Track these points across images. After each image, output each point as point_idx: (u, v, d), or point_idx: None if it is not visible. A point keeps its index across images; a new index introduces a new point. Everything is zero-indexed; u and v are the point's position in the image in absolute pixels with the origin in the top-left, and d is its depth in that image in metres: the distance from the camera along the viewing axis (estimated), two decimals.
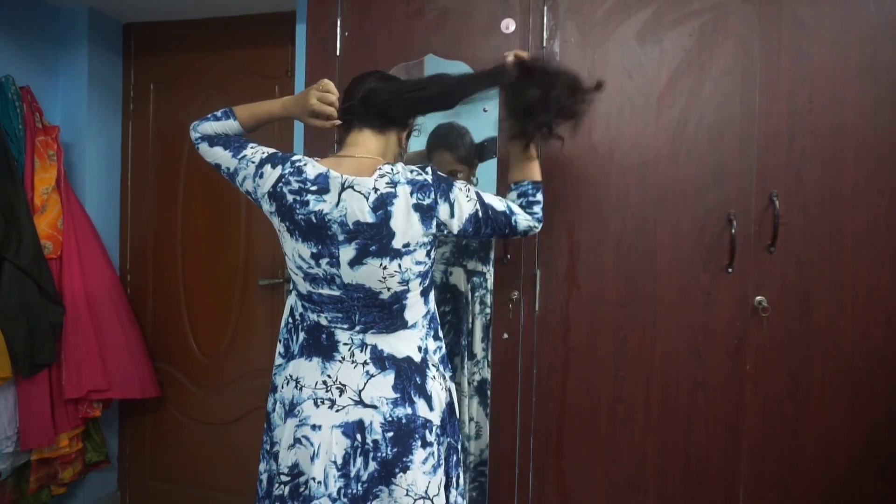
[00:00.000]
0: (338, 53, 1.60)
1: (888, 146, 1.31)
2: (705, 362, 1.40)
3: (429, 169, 1.12)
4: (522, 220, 1.20)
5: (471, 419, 1.53)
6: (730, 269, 1.38)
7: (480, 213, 1.13)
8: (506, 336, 1.50)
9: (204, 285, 2.27)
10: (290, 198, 1.10)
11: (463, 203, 1.12)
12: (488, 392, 1.52)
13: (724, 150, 1.38)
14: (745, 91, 1.37)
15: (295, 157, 1.14)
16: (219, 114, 1.24)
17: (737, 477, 1.40)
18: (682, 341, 1.41)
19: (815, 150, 1.34)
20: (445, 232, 1.12)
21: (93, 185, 2.21)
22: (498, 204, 1.17)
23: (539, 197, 1.22)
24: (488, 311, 1.52)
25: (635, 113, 1.43)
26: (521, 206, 1.21)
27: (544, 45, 1.47)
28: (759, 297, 1.37)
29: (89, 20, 2.15)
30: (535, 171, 1.24)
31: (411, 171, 1.10)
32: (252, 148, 1.20)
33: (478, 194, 1.15)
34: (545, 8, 1.47)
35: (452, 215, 1.11)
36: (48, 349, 1.83)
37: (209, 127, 1.24)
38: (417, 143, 1.50)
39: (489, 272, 1.52)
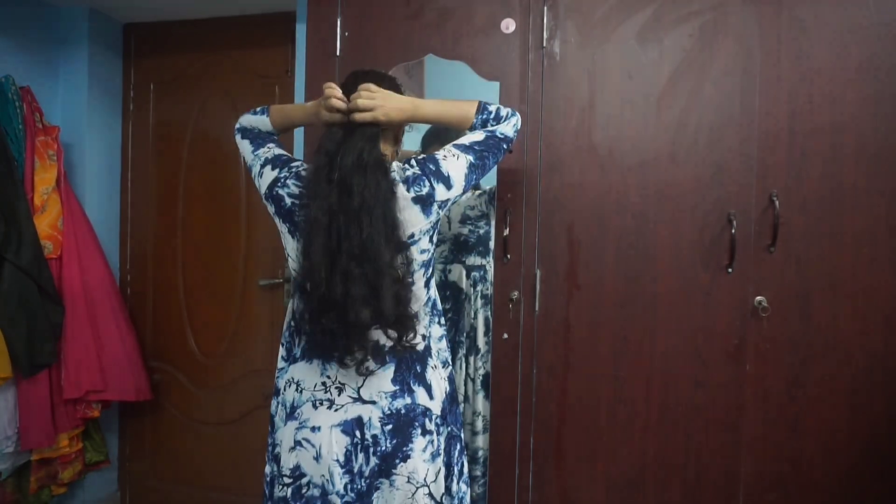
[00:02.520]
0: (338, 53, 1.60)
1: (888, 146, 1.31)
2: (705, 362, 1.40)
3: (412, 160, 1.13)
4: (504, 128, 1.19)
5: (477, 413, 1.53)
6: (730, 270, 1.38)
7: (474, 158, 1.14)
8: (506, 336, 1.50)
9: (204, 285, 2.27)
10: (288, 201, 1.12)
11: (454, 166, 1.12)
12: None
13: (724, 150, 1.38)
14: (745, 91, 1.37)
15: (295, 163, 1.17)
16: (258, 109, 1.28)
17: (737, 477, 1.40)
18: (682, 341, 1.41)
19: (815, 150, 1.34)
20: (451, 204, 1.14)
21: (93, 185, 2.21)
22: (478, 136, 1.17)
23: (492, 108, 1.20)
24: (490, 305, 1.52)
25: (635, 113, 1.43)
26: (492, 126, 1.20)
27: (544, 44, 1.47)
28: (759, 298, 1.37)
29: (89, 20, 2.15)
30: (465, 106, 1.20)
31: (401, 168, 1.12)
32: (267, 148, 1.22)
33: (457, 146, 1.15)
34: (545, 8, 1.47)
35: (450, 187, 1.12)
36: (48, 349, 1.83)
37: (247, 120, 1.28)
38: (411, 139, 1.51)
39: (489, 264, 1.52)
